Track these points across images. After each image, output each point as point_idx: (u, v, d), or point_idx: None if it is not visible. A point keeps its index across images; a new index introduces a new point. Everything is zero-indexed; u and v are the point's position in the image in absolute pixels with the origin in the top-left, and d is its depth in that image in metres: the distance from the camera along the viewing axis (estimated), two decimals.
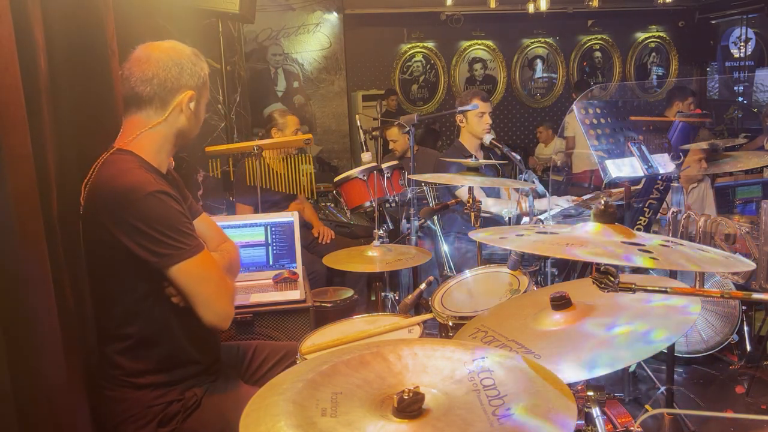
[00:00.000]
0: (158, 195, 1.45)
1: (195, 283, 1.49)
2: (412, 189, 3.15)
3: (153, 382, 1.56)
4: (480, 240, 1.56)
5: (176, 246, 1.46)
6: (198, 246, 1.51)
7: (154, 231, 1.43)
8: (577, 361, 1.09)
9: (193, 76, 1.58)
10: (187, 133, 1.64)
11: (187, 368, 1.61)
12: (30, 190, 1.34)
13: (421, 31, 7.87)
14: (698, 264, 1.05)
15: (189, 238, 1.49)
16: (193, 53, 1.61)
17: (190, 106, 1.59)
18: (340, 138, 7.47)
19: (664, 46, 8.66)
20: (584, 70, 8.53)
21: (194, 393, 1.60)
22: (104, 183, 1.48)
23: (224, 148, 3.04)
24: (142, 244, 1.43)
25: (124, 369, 1.55)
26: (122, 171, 1.49)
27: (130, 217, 1.43)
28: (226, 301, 1.56)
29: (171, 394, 1.58)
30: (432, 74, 8.00)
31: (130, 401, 1.55)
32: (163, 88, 1.54)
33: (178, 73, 1.55)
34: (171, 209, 1.48)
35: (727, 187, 3.77)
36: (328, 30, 7.31)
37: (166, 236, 1.44)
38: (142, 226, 1.43)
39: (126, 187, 1.44)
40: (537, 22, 7.99)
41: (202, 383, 1.64)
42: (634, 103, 5.75)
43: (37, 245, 1.35)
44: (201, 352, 1.64)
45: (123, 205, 1.43)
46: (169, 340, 1.57)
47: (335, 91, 7.44)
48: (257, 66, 7.13)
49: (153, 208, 1.44)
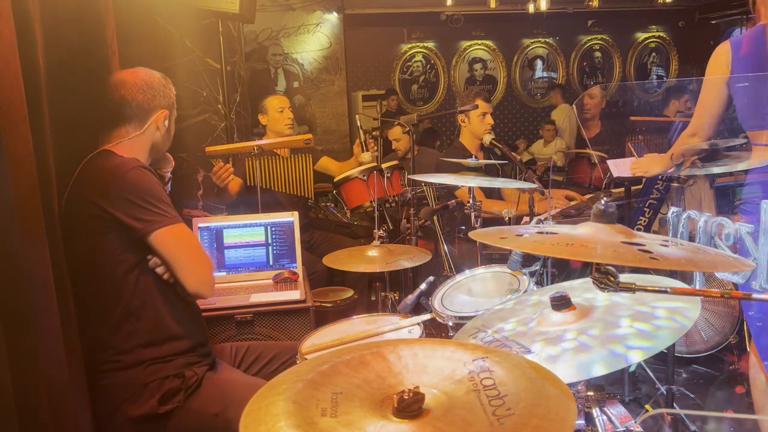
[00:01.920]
0: (142, 169, 1.63)
1: (177, 249, 1.63)
2: (412, 189, 3.15)
3: (143, 359, 1.64)
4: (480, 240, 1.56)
5: (159, 213, 1.60)
6: (177, 216, 1.65)
7: (140, 200, 1.58)
8: (577, 361, 1.09)
9: (164, 97, 1.78)
10: (161, 147, 1.82)
11: (175, 344, 1.69)
12: (31, 189, 1.34)
13: (421, 31, 7.86)
14: (698, 264, 1.05)
15: (170, 208, 1.65)
16: (162, 77, 1.80)
17: (164, 123, 1.79)
18: (340, 138, 7.47)
19: (664, 46, 8.66)
20: (584, 70, 8.53)
21: (194, 372, 1.67)
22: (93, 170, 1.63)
23: (224, 148, 3.03)
24: (130, 213, 1.57)
25: (114, 347, 1.63)
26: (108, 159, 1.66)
27: (119, 190, 1.58)
28: (206, 268, 1.70)
29: (165, 369, 1.64)
30: (432, 74, 8.00)
31: (124, 383, 1.61)
32: (141, 109, 1.73)
33: (153, 96, 1.75)
34: (152, 181, 1.65)
35: (727, 187, 3.77)
36: (328, 30, 7.30)
37: (150, 204, 1.59)
38: (129, 195, 1.58)
39: (113, 166, 1.61)
40: (537, 22, 7.98)
41: (200, 363, 1.71)
42: (634, 103, 5.75)
43: (38, 245, 1.35)
44: (185, 328, 1.72)
45: (112, 181, 1.58)
46: (153, 314, 1.66)
47: (335, 91, 7.43)
48: (257, 66, 7.13)
49: (138, 180, 1.60)
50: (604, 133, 4.46)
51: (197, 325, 1.79)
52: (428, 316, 1.83)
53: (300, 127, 7.17)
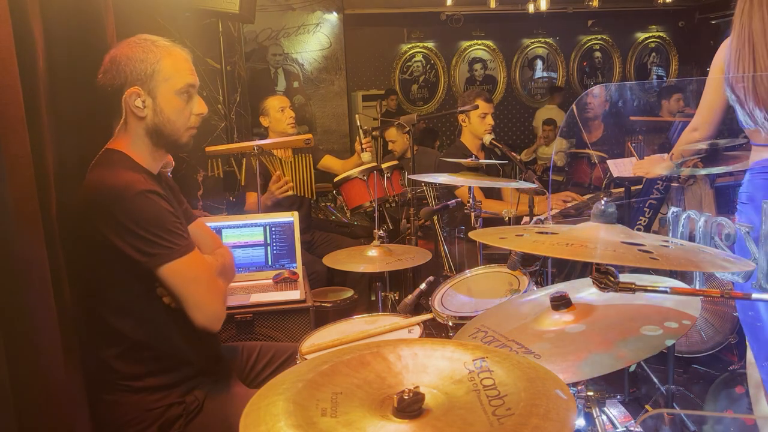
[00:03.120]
0: (147, 194, 1.45)
1: (185, 283, 1.48)
2: (412, 189, 3.15)
3: (151, 385, 1.54)
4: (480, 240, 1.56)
5: (165, 245, 1.45)
6: (188, 246, 1.50)
7: (143, 230, 1.43)
8: (577, 361, 1.09)
9: (133, 71, 1.50)
10: (161, 131, 1.57)
11: (184, 370, 1.59)
12: (29, 190, 1.34)
13: (421, 31, 7.87)
14: (698, 264, 1.05)
15: (178, 238, 1.49)
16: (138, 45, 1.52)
17: (137, 102, 1.51)
18: (340, 138, 7.47)
19: (664, 46, 8.67)
20: (584, 70, 8.53)
21: (195, 397, 1.58)
22: (94, 184, 1.49)
23: (224, 148, 3.03)
24: (132, 244, 1.43)
25: (120, 373, 1.53)
26: (111, 171, 1.49)
27: (120, 217, 1.43)
28: (217, 302, 1.55)
29: (170, 396, 1.55)
30: (432, 74, 8.00)
31: (128, 405, 1.53)
32: (106, 92, 1.52)
33: (116, 73, 1.50)
34: (160, 209, 1.47)
35: (727, 187, 3.77)
36: (328, 30, 7.30)
37: (155, 236, 1.44)
38: (131, 225, 1.42)
39: (115, 187, 1.44)
40: (537, 22, 7.99)
41: (203, 385, 1.62)
42: (634, 104, 5.75)
43: (36, 246, 1.35)
44: (197, 353, 1.62)
45: (113, 205, 1.43)
46: (163, 342, 1.55)
47: (335, 91, 7.43)
48: (257, 66, 7.13)
49: (142, 208, 1.44)
50: (606, 134, 4.46)
51: (211, 344, 1.69)
52: (428, 316, 1.83)
53: (300, 127, 7.16)
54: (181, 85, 1.57)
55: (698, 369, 2.97)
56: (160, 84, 1.54)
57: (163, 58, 1.54)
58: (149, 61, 1.52)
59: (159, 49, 1.54)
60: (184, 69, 1.58)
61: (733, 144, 2.22)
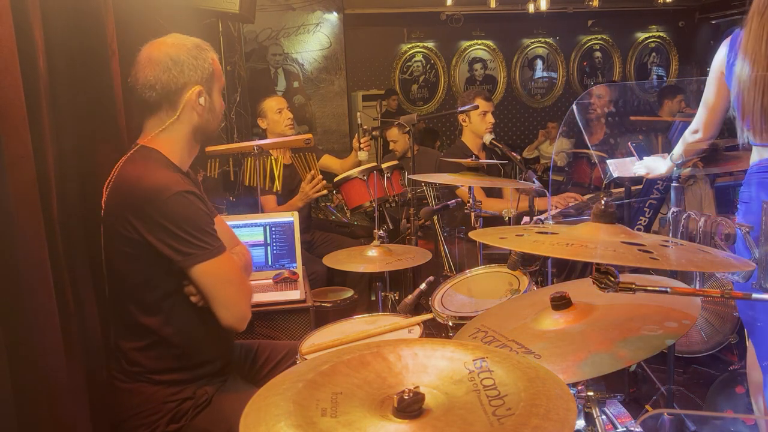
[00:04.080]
0: (185, 195, 1.47)
1: (216, 284, 1.51)
2: (412, 189, 3.15)
3: (170, 380, 1.57)
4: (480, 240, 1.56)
5: (200, 246, 1.48)
6: (220, 247, 1.52)
7: (180, 230, 1.45)
8: (577, 361, 1.09)
9: (196, 70, 1.55)
10: (206, 127, 1.63)
11: (205, 367, 1.62)
12: (30, 190, 1.34)
13: (421, 31, 7.86)
14: (698, 264, 1.05)
15: (213, 239, 1.51)
16: (195, 46, 1.57)
17: (200, 101, 1.57)
18: (340, 138, 7.46)
19: (664, 46, 8.66)
20: (584, 70, 8.52)
21: (205, 391, 1.61)
22: (131, 181, 1.49)
23: (224, 148, 3.03)
24: (168, 243, 1.45)
25: (144, 366, 1.56)
26: (148, 170, 1.50)
27: (157, 216, 1.44)
28: (245, 302, 1.57)
29: (186, 391, 1.58)
30: (432, 74, 8.00)
31: (144, 395, 1.55)
32: (167, 90, 1.53)
33: (179, 72, 1.53)
34: (197, 209, 1.50)
35: (727, 187, 3.77)
36: (328, 30, 7.30)
37: (191, 236, 1.46)
38: (168, 224, 1.44)
39: (154, 187, 1.45)
40: (537, 22, 7.98)
41: (214, 382, 1.65)
42: (634, 104, 5.75)
43: (38, 246, 1.35)
44: (218, 352, 1.65)
45: (150, 204, 1.44)
46: (186, 339, 1.58)
47: (335, 91, 7.43)
48: (257, 66, 7.13)
49: (180, 208, 1.46)
50: (608, 135, 4.46)
51: (228, 348, 1.72)
52: (428, 316, 1.83)
53: (300, 127, 7.16)
54: (223, 84, 1.68)
55: (698, 369, 2.97)
56: (215, 83, 1.62)
57: (214, 60, 1.62)
58: (208, 61, 1.59)
59: (208, 51, 1.61)
60: (221, 70, 1.67)
61: (733, 144, 2.22)
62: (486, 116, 3.44)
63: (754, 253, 1.71)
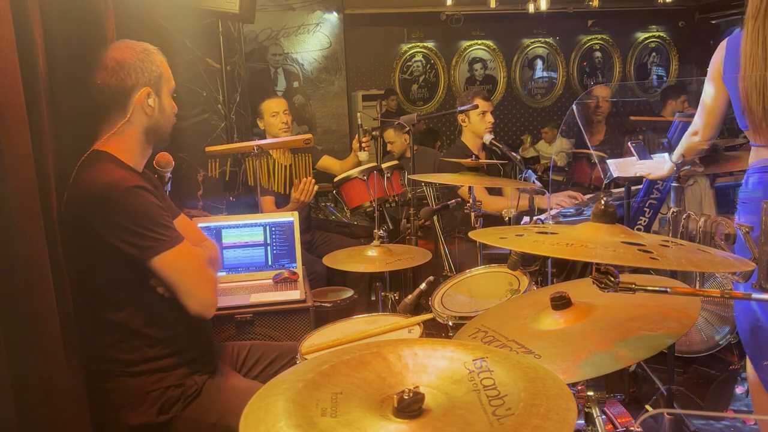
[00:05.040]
0: (136, 190, 1.52)
1: (176, 273, 1.55)
2: (412, 189, 3.15)
3: (148, 369, 1.60)
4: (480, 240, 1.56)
5: (156, 238, 1.52)
6: (177, 237, 1.57)
7: (135, 225, 1.50)
8: (577, 361, 1.09)
9: (143, 72, 1.61)
10: (157, 128, 1.68)
11: (180, 355, 1.65)
12: (30, 190, 1.34)
13: (421, 31, 7.86)
14: (698, 264, 1.05)
15: (168, 230, 1.56)
16: (143, 50, 1.64)
17: (149, 102, 1.63)
18: (340, 138, 7.46)
19: (664, 46, 8.66)
20: (584, 70, 8.52)
21: (194, 381, 1.64)
22: (84, 184, 1.54)
23: (224, 148, 3.04)
24: (124, 238, 1.50)
25: (120, 360, 1.59)
26: (100, 171, 1.55)
27: (111, 213, 1.50)
28: (208, 289, 1.62)
29: (169, 378, 1.61)
30: (432, 74, 7.99)
31: (127, 389, 1.59)
32: (116, 93, 1.60)
33: (126, 75, 1.59)
34: (149, 203, 1.54)
35: (727, 187, 3.77)
36: (328, 30, 7.30)
37: (146, 229, 1.51)
38: (122, 220, 1.50)
39: (105, 185, 1.51)
40: (537, 22, 7.97)
41: (202, 371, 1.68)
42: (634, 104, 5.75)
43: (37, 246, 1.35)
44: (192, 339, 1.68)
45: (103, 203, 1.50)
46: (159, 329, 1.61)
47: (335, 91, 7.43)
48: (257, 66, 7.13)
49: (132, 203, 1.51)
50: (608, 136, 4.46)
51: (203, 334, 1.74)
52: (428, 316, 1.83)
53: (300, 127, 7.17)
54: (173, 86, 1.73)
55: (698, 369, 2.97)
56: (163, 85, 1.68)
57: (162, 63, 1.68)
58: (156, 63, 1.65)
59: (156, 54, 1.67)
60: (170, 73, 1.72)
61: (732, 144, 2.22)
62: (485, 116, 3.44)
63: (754, 253, 1.71)
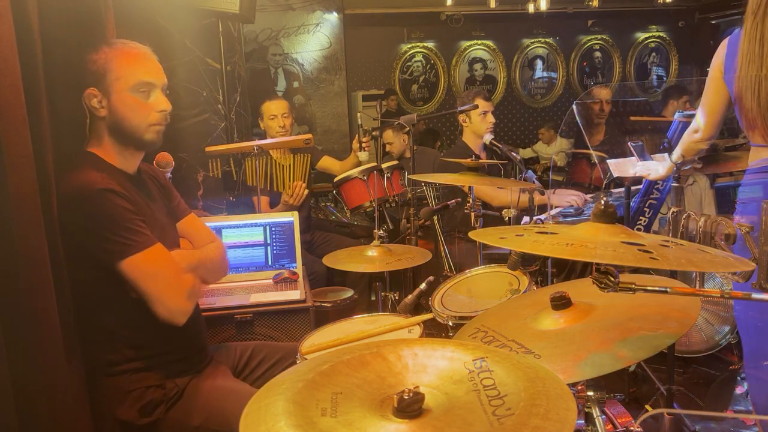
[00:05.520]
0: (102, 193, 1.50)
1: (143, 278, 1.53)
2: (412, 189, 3.15)
3: (130, 368, 1.60)
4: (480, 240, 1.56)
5: (120, 242, 1.50)
6: (145, 242, 1.54)
7: (99, 228, 1.50)
8: (577, 361, 1.09)
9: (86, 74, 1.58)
10: (120, 128, 1.61)
11: (161, 357, 1.64)
12: (30, 190, 1.34)
13: (421, 31, 7.86)
14: (698, 264, 1.05)
15: (136, 234, 1.53)
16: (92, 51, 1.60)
17: (94, 102, 1.59)
18: (340, 138, 7.46)
19: (664, 46, 8.66)
20: (584, 70, 8.52)
21: (175, 383, 1.63)
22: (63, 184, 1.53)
23: (224, 148, 3.04)
24: (91, 240, 1.50)
25: (100, 359, 1.59)
26: (77, 172, 1.55)
27: (78, 215, 1.50)
28: (178, 296, 1.57)
29: (149, 379, 1.60)
30: (432, 74, 7.99)
31: (106, 388, 1.59)
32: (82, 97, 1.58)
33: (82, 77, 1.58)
34: (114, 206, 1.51)
35: (727, 187, 3.77)
36: (328, 30, 7.30)
37: (111, 232, 1.50)
38: (87, 223, 1.50)
39: (75, 187, 1.51)
40: (537, 22, 7.98)
41: (184, 373, 1.66)
42: (634, 104, 5.75)
43: (37, 245, 1.35)
44: (176, 343, 1.66)
45: (72, 204, 1.49)
46: (136, 331, 1.60)
47: (335, 91, 7.43)
48: (257, 66, 7.13)
49: (98, 206, 1.50)
50: (608, 137, 4.46)
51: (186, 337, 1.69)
52: (428, 316, 1.83)
53: (300, 127, 7.17)
54: (134, 83, 1.60)
55: (698, 369, 2.97)
56: (113, 83, 1.58)
57: (115, 58, 1.59)
58: (100, 62, 1.58)
59: (110, 49, 1.60)
60: (137, 67, 1.61)
61: (732, 144, 2.22)
62: (486, 116, 3.45)
63: (754, 253, 1.71)
